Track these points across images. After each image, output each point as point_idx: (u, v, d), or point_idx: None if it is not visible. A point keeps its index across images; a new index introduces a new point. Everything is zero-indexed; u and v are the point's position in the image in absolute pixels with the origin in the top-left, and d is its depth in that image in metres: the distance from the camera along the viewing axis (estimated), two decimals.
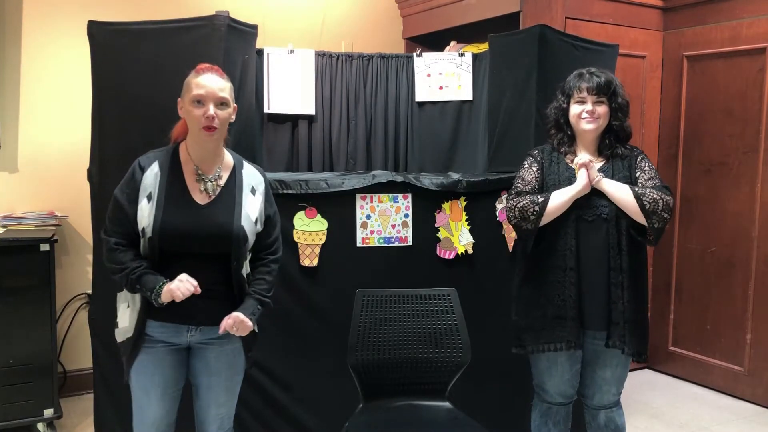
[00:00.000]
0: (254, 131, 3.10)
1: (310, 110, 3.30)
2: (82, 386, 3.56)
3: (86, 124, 2.75)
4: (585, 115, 2.25)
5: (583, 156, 2.26)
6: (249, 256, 2.02)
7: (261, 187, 2.06)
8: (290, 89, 3.24)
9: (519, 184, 2.36)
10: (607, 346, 2.24)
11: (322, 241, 2.70)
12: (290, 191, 2.66)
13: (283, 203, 2.66)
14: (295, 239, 2.68)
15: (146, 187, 1.90)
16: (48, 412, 3.00)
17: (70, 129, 3.50)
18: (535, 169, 2.35)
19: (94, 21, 2.70)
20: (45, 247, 2.95)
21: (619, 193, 2.20)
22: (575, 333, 2.23)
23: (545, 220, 2.24)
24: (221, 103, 1.92)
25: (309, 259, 2.69)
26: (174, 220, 1.88)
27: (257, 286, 2.02)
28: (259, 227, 2.02)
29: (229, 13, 2.69)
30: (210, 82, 1.90)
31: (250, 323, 1.92)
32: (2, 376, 2.91)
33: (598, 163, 2.30)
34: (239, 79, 2.80)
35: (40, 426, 3.07)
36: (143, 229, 1.88)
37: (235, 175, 2.01)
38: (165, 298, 1.84)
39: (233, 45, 2.73)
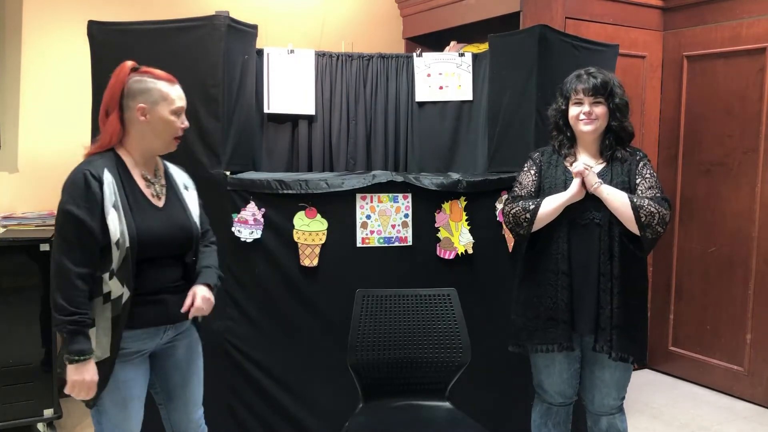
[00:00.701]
0: (254, 131, 3.10)
1: (310, 110, 3.30)
2: None
3: (86, 124, 2.75)
4: (582, 116, 2.25)
5: (578, 164, 2.24)
6: None
7: (190, 183, 2.11)
8: (290, 89, 3.24)
9: (516, 189, 2.39)
10: (593, 349, 2.27)
11: (322, 241, 2.70)
12: (290, 191, 2.67)
13: (283, 203, 2.67)
14: (295, 239, 2.68)
15: (108, 197, 1.80)
16: (48, 412, 3.00)
17: (70, 129, 3.49)
18: (532, 172, 2.37)
19: (94, 21, 2.70)
20: (45, 247, 2.95)
21: (617, 201, 2.18)
22: (566, 335, 2.25)
23: (537, 225, 2.27)
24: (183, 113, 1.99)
25: (309, 259, 2.69)
26: (148, 226, 1.87)
27: (209, 260, 2.06)
28: (201, 220, 2.07)
29: (229, 13, 2.69)
30: (182, 93, 1.96)
31: (213, 299, 1.97)
32: (2, 376, 2.91)
33: (599, 166, 2.29)
34: (239, 79, 2.81)
35: (40, 426, 3.07)
36: (117, 241, 1.79)
37: (168, 175, 2.05)
38: (70, 373, 1.77)
39: (233, 45, 2.73)
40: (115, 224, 1.80)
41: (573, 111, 2.28)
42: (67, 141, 3.49)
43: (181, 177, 2.09)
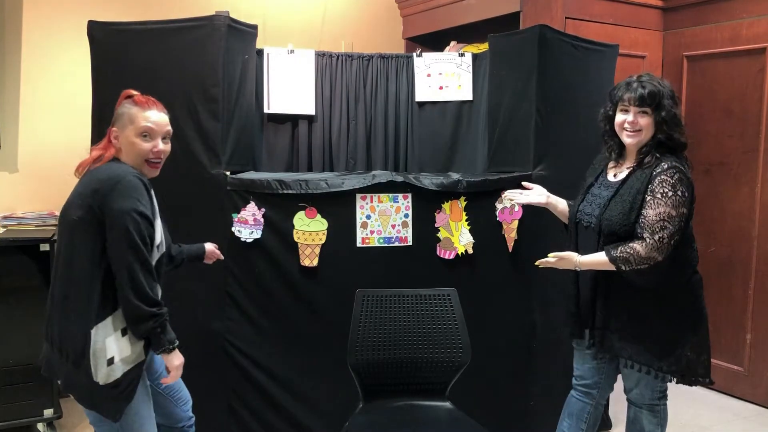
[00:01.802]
0: (254, 131, 3.10)
1: (310, 110, 3.30)
2: None
3: (86, 124, 2.75)
4: (627, 126, 2.20)
5: (558, 262, 2.24)
6: None
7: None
8: (290, 89, 3.24)
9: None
10: (588, 347, 2.35)
11: (322, 241, 2.70)
12: (290, 191, 2.67)
13: (283, 203, 2.67)
14: (295, 239, 2.68)
15: (156, 204, 1.92)
16: (48, 412, 3.00)
17: (70, 129, 3.50)
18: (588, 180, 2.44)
19: (94, 21, 2.70)
20: (45, 247, 2.95)
21: (600, 265, 2.17)
22: (576, 328, 2.36)
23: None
24: (166, 137, 1.96)
25: (309, 259, 2.69)
26: (167, 234, 1.98)
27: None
28: None
29: (229, 13, 2.69)
30: (158, 117, 1.93)
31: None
32: (2, 376, 2.92)
33: (624, 173, 2.26)
34: (239, 79, 2.81)
35: (40, 426, 3.07)
36: (158, 245, 1.90)
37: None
38: (171, 360, 1.87)
39: (233, 45, 2.73)
40: (159, 229, 1.89)
41: (618, 118, 2.23)
42: (67, 141, 3.50)
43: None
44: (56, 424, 3.14)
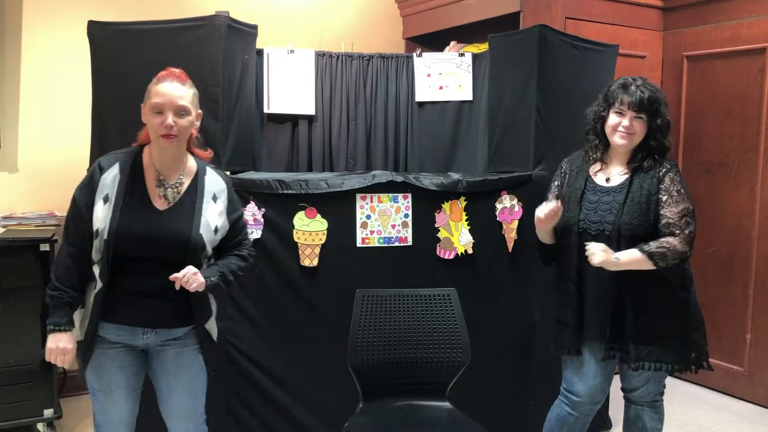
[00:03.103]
0: (254, 131, 3.10)
1: (310, 110, 3.30)
2: (82, 386, 3.50)
3: (86, 124, 2.75)
4: (621, 129, 2.19)
5: (598, 254, 2.13)
6: (212, 259, 2.03)
7: (223, 195, 2.05)
8: (290, 89, 3.24)
9: (548, 196, 2.42)
10: (603, 359, 2.26)
11: (322, 241, 2.70)
12: (290, 191, 2.66)
13: (283, 203, 2.67)
14: (295, 239, 2.68)
15: (103, 189, 1.90)
16: (48, 412, 3.00)
17: (70, 129, 3.49)
18: (555, 184, 2.41)
19: (94, 21, 2.70)
20: (45, 247, 2.95)
21: (636, 264, 2.13)
22: (575, 342, 2.28)
23: (547, 239, 2.39)
24: (181, 111, 1.91)
25: (309, 259, 2.69)
26: (130, 224, 1.88)
27: (226, 260, 2.04)
28: (220, 235, 2.02)
29: (229, 13, 2.69)
30: (170, 90, 1.90)
31: (202, 278, 1.89)
32: (2, 376, 2.91)
33: (621, 177, 2.24)
34: (239, 79, 2.81)
35: (40, 426, 3.07)
36: (97, 230, 1.89)
37: (197, 182, 2.01)
38: (47, 341, 1.92)
39: (233, 45, 2.73)
40: (98, 215, 1.88)
41: (612, 120, 2.21)
42: (67, 141, 3.50)
43: (214, 186, 2.03)
44: (56, 424, 3.14)
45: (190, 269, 1.88)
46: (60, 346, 1.91)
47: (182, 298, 1.94)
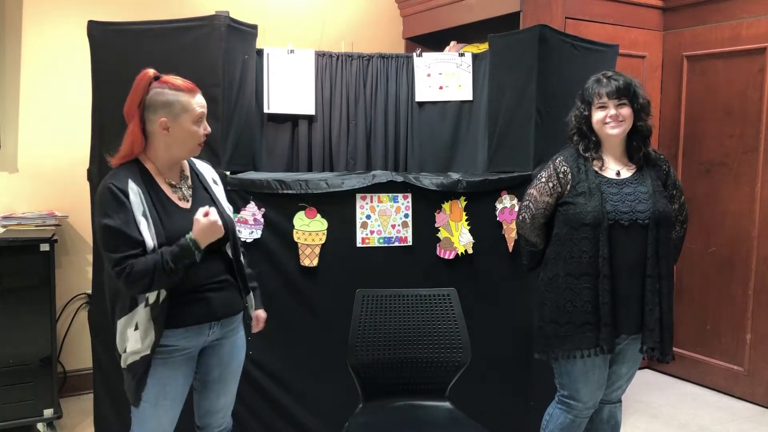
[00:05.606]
0: (254, 131, 3.10)
1: (310, 110, 3.30)
2: (82, 386, 3.56)
3: (86, 124, 2.75)
4: (609, 120, 2.21)
5: None
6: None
7: (218, 177, 2.17)
8: (290, 89, 3.24)
9: (531, 204, 2.32)
10: (641, 351, 2.24)
11: (322, 241, 2.70)
12: (290, 191, 2.67)
13: (283, 203, 2.67)
14: (295, 239, 2.68)
15: (137, 206, 1.83)
16: (48, 412, 3.00)
17: (70, 129, 3.50)
18: (551, 186, 2.28)
19: (94, 21, 2.70)
20: (45, 247, 2.95)
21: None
22: (609, 339, 2.17)
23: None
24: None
25: (309, 259, 2.69)
26: (178, 229, 1.88)
27: (252, 278, 2.17)
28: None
29: (229, 13, 2.69)
30: (203, 101, 1.99)
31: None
32: (2, 376, 2.91)
33: (629, 171, 2.26)
34: (239, 79, 2.81)
35: (40, 426, 3.07)
36: (154, 248, 1.84)
37: (195, 173, 2.08)
38: (204, 241, 1.87)
39: (233, 45, 2.73)
40: (146, 232, 1.83)
41: (598, 115, 2.23)
42: (67, 141, 3.50)
43: (208, 172, 2.13)
44: (56, 424, 3.14)
45: (262, 316, 2.18)
46: (212, 219, 1.87)
47: (233, 284, 2.02)
